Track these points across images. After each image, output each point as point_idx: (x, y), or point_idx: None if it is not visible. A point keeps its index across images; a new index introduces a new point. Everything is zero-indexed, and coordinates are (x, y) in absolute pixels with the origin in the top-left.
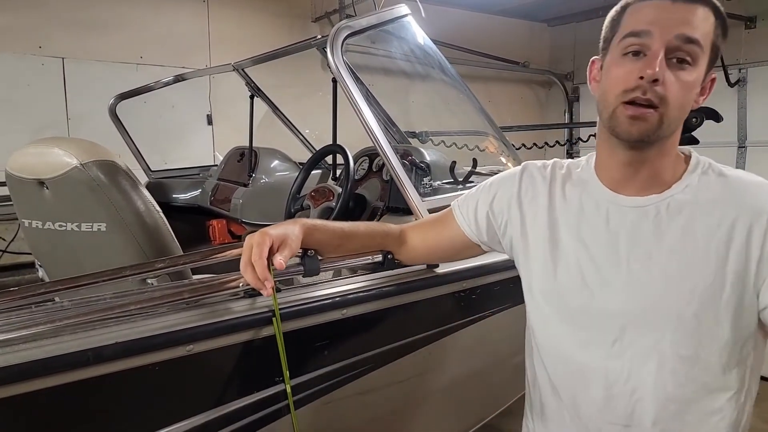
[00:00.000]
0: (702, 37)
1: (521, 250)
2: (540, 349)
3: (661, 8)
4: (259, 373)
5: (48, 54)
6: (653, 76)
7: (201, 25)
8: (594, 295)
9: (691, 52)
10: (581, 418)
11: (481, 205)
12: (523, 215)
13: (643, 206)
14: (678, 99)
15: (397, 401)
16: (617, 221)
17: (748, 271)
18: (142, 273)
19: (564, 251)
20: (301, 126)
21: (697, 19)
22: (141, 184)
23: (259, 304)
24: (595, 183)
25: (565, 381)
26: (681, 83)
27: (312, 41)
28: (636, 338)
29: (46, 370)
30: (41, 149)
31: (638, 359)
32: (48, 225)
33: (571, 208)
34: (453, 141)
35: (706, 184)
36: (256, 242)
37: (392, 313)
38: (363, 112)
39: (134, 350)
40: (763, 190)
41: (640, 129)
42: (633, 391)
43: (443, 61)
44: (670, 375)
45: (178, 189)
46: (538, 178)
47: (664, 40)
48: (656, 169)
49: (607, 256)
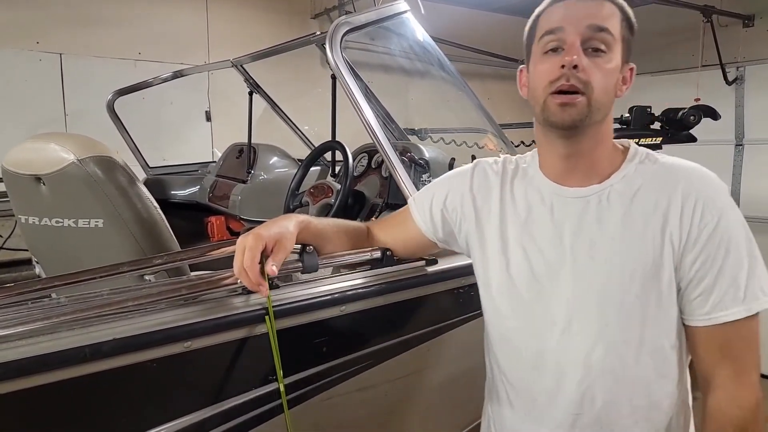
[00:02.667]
0: (612, 26)
1: (477, 246)
2: (494, 343)
3: (569, 6)
4: (257, 370)
5: (46, 50)
6: (573, 62)
7: (200, 22)
8: (543, 287)
9: (604, 40)
10: (535, 407)
11: (436, 203)
12: (477, 211)
13: (584, 196)
14: (600, 83)
15: (396, 398)
16: (561, 212)
17: (678, 252)
18: (140, 269)
19: (514, 245)
20: (300, 122)
21: (604, 12)
22: (139, 180)
23: (257, 301)
24: (539, 177)
25: (518, 372)
26: (600, 69)
27: (311, 37)
28: (583, 326)
29: (43, 367)
30: (38, 145)
31: (586, 346)
32: (45, 221)
33: (519, 202)
34: (452, 138)
35: (643, 173)
36: (249, 246)
37: (391, 309)
38: (362, 109)
39: (132, 347)
40: (694, 174)
41: (572, 114)
42: (583, 378)
43: (442, 58)
44: (617, 360)
45: (177, 185)
46: (490, 174)
47: (577, 32)
48: (594, 160)
49: (554, 247)
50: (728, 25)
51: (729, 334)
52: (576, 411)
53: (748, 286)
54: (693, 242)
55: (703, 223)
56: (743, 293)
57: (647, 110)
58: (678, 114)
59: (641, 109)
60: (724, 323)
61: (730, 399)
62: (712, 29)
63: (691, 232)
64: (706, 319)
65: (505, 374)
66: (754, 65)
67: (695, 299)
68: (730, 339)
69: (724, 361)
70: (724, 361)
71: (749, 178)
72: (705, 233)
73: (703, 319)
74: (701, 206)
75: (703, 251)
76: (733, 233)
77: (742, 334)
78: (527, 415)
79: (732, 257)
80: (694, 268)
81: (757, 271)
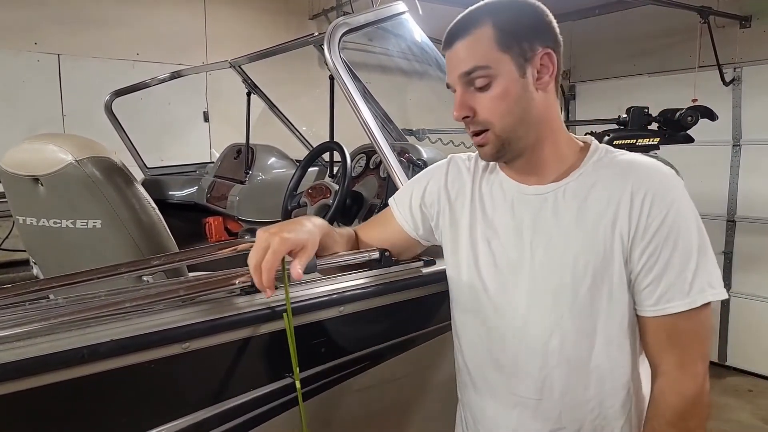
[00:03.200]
0: (477, 58)
1: (450, 240)
2: (460, 333)
3: (449, 59)
4: (257, 372)
5: (44, 50)
6: (457, 118)
7: (198, 22)
8: (506, 279)
9: (475, 78)
10: (497, 396)
11: (414, 199)
12: (452, 205)
13: (543, 194)
14: (497, 112)
15: (395, 399)
16: (521, 209)
17: (627, 244)
18: (138, 270)
19: (481, 239)
20: (298, 123)
21: (466, 51)
22: (137, 180)
23: (256, 301)
24: (502, 176)
25: (481, 364)
26: (489, 100)
27: (309, 38)
28: (540, 317)
29: (40, 368)
30: (36, 145)
31: (543, 336)
32: (42, 222)
33: (486, 198)
34: (450, 139)
35: (599, 169)
36: (273, 249)
37: (390, 310)
38: (360, 110)
39: (129, 348)
40: (647, 169)
41: (487, 152)
42: (542, 367)
43: (440, 58)
44: (573, 349)
45: (175, 186)
46: (463, 170)
47: (458, 83)
48: (546, 163)
49: (515, 242)
50: (725, 26)
51: (676, 325)
52: (537, 397)
53: (695, 279)
54: (641, 235)
55: (651, 217)
56: (689, 286)
57: (644, 111)
58: (675, 115)
59: (638, 110)
60: (671, 314)
61: (672, 386)
62: (709, 30)
63: (639, 225)
64: (654, 310)
65: (470, 362)
66: (751, 66)
67: (644, 290)
68: (677, 330)
69: (671, 350)
70: (670, 350)
71: (746, 178)
72: (653, 226)
73: (651, 310)
74: (650, 200)
75: (650, 244)
76: (682, 227)
77: (689, 326)
78: (492, 398)
79: (680, 250)
80: (642, 260)
81: (707, 266)
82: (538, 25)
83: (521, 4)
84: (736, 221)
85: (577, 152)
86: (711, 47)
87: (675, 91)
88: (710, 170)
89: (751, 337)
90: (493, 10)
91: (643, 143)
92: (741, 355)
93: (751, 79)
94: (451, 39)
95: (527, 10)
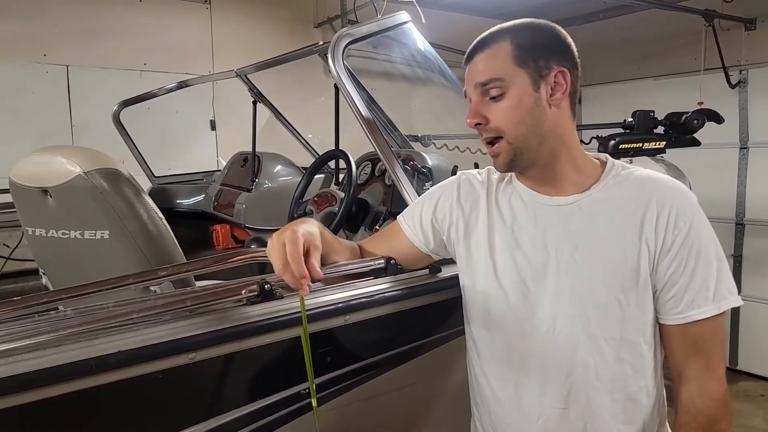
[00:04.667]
0: (496, 73)
1: (464, 253)
2: (479, 346)
3: (469, 70)
4: (263, 381)
5: (52, 62)
6: (470, 125)
7: (204, 32)
8: (529, 290)
9: (490, 89)
10: (523, 406)
11: (425, 214)
12: (466, 218)
13: (567, 204)
14: (509, 120)
15: (402, 407)
16: (544, 219)
17: (653, 257)
18: (145, 281)
19: (501, 250)
20: (303, 131)
21: (484, 64)
22: (144, 191)
23: (263, 311)
24: (521, 187)
25: (505, 374)
26: (502, 110)
27: (314, 47)
28: (566, 325)
29: (49, 380)
30: (45, 158)
31: (569, 344)
32: (51, 233)
33: (505, 210)
34: (455, 144)
35: (621, 183)
36: (290, 239)
37: (396, 318)
38: (364, 119)
39: (137, 359)
40: (666, 185)
41: (501, 161)
42: (568, 375)
43: (443, 65)
44: (599, 356)
45: (182, 194)
46: (475, 184)
47: (474, 92)
48: (564, 175)
49: (538, 252)
50: (730, 29)
51: (700, 331)
52: (563, 406)
53: (717, 287)
54: (668, 248)
55: (676, 230)
56: (712, 294)
57: (650, 114)
58: (681, 118)
59: (644, 114)
60: (696, 321)
61: (702, 391)
62: (714, 33)
63: (666, 238)
64: (681, 318)
65: (490, 375)
66: (757, 68)
67: (669, 300)
68: (702, 335)
69: (696, 356)
70: (695, 356)
71: (754, 181)
72: (678, 239)
73: (677, 318)
74: (674, 215)
75: (677, 256)
76: (703, 239)
77: (712, 331)
78: (516, 409)
79: (702, 261)
80: (669, 272)
81: (724, 273)
82: (555, 45)
83: (542, 25)
84: (745, 224)
85: (595, 167)
86: (716, 50)
87: (681, 94)
88: (718, 173)
89: (762, 340)
90: (514, 29)
91: (649, 147)
92: (752, 359)
93: (757, 81)
94: (471, 54)
95: (546, 31)
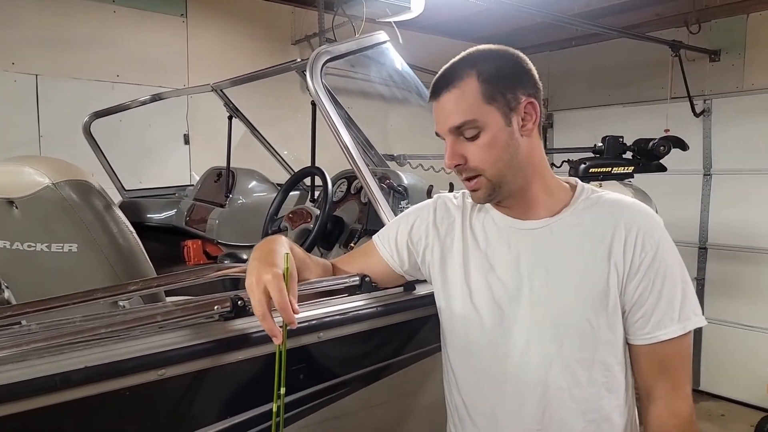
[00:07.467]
0: (465, 113)
1: (439, 276)
2: (455, 368)
3: (436, 110)
4: (233, 399)
5: (21, 71)
6: (449, 166)
7: (180, 45)
8: (504, 313)
9: (465, 131)
10: (499, 426)
11: (401, 235)
12: (442, 241)
13: (538, 228)
14: (487, 159)
15: (376, 425)
16: (518, 243)
17: (622, 278)
18: (114, 295)
19: (476, 274)
20: (279, 147)
21: (454, 104)
22: (115, 204)
23: (235, 327)
24: (494, 211)
25: (481, 395)
26: (480, 148)
27: (291, 64)
28: (540, 348)
29: (11, 396)
30: (11, 168)
31: (543, 366)
32: (16, 245)
33: (479, 234)
34: (430, 164)
35: (590, 207)
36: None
37: (370, 336)
38: (341, 136)
39: (104, 375)
40: (635, 210)
41: (479, 196)
42: (542, 396)
43: (420, 86)
44: (572, 378)
45: (153, 208)
46: (451, 207)
47: (447, 134)
48: (537, 201)
49: (512, 275)
50: (695, 60)
51: (667, 351)
52: (538, 427)
53: (682, 308)
54: (636, 269)
55: (644, 253)
56: (677, 314)
57: (619, 140)
58: (649, 144)
59: (614, 139)
60: (663, 341)
61: (669, 410)
62: (680, 63)
63: (634, 260)
64: (648, 338)
65: (466, 397)
66: (721, 98)
67: (637, 321)
68: (668, 355)
69: (663, 376)
70: (663, 376)
71: (717, 206)
72: (646, 261)
73: (645, 338)
74: (642, 237)
75: (644, 278)
76: (669, 261)
77: (678, 351)
78: (492, 430)
79: (668, 282)
80: (637, 293)
81: (689, 295)
82: (519, 74)
83: (502, 54)
84: (708, 248)
85: (566, 191)
86: (682, 79)
87: (648, 121)
88: (683, 198)
89: (723, 362)
90: (476, 61)
91: (618, 171)
92: (714, 380)
93: (720, 110)
94: (437, 90)
95: (508, 59)
